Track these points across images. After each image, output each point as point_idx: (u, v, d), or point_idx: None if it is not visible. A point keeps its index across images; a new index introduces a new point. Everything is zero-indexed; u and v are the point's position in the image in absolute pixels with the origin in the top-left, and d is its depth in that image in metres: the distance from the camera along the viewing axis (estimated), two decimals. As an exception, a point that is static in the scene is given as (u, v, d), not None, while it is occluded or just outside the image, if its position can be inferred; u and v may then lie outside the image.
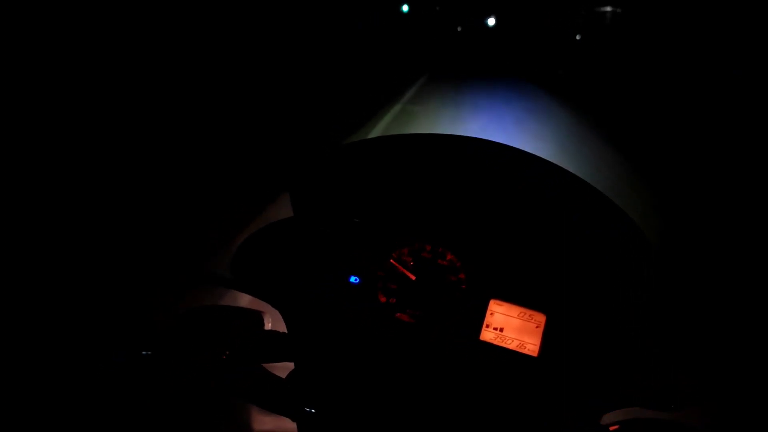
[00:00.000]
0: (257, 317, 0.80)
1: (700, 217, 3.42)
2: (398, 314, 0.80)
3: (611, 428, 0.63)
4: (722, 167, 4.42)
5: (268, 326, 0.80)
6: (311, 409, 0.68)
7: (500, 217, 0.84)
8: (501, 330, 0.77)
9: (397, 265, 0.83)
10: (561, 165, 0.78)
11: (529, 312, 0.78)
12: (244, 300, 0.88)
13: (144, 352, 0.65)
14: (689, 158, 4.74)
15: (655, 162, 4.67)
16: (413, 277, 0.82)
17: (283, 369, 0.75)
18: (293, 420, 0.69)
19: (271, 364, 0.75)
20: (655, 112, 6.79)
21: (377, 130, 5.36)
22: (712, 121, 6.00)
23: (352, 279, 0.83)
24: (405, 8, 14.87)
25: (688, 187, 4.06)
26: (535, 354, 0.75)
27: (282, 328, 0.79)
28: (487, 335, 0.77)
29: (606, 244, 0.78)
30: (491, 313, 0.78)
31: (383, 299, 0.82)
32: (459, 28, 18.32)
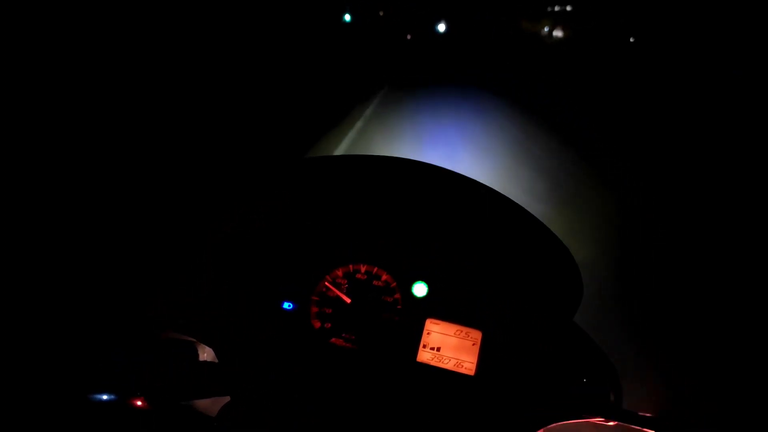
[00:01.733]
0: (190, 349, 0.76)
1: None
2: (333, 339, 0.79)
3: None
4: (715, 167, 4.52)
5: (203, 357, 0.77)
6: None
7: (435, 238, 0.84)
8: (438, 350, 0.77)
9: (331, 287, 0.81)
10: (504, 181, 0.79)
11: (465, 329, 0.77)
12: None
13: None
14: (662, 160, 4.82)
15: (625, 168, 4.72)
16: (348, 300, 0.80)
17: (218, 403, 0.72)
18: None
19: (205, 399, 0.72)
20: (632, 116, 6.87)
21: (339, 149, 5.22)
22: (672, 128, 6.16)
23: (286, 305, 0.81)
24: (347, 17, 14.73)
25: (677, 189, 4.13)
26: (471, 373, 0.75)
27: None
28: (424, 356, 0.77)
29: (535, 263, 0.79)
30: (428, 333, 0.78)
31: (318, 325, 0.80)
32: (408, 36, 18.36)
